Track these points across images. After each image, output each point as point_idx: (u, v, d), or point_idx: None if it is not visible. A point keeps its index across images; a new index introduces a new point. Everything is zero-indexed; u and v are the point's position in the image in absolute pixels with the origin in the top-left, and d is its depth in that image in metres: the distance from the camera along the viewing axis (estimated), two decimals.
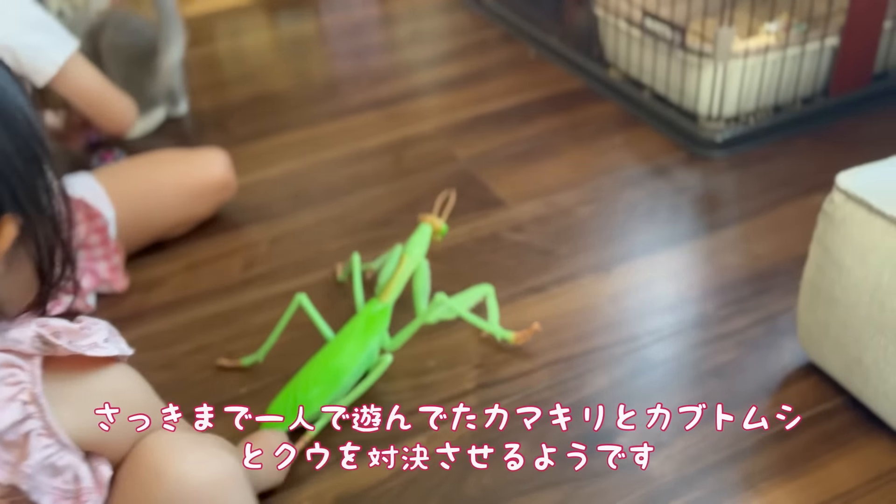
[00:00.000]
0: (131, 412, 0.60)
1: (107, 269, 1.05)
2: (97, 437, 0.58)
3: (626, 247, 1.09)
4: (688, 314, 0.96)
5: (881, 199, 0.71)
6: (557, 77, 1.56)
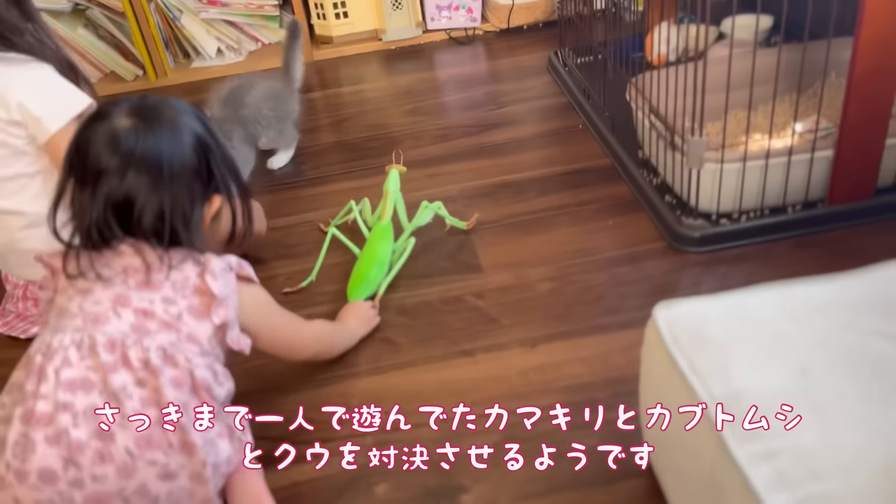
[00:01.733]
0: (270, 312, 1.04)
1: None
2: (255, 323, 0.98)
3: (560, 326, 1.20)
4: (578, 398, 1.07)
5: (676, 334, 0.80)
6: (592, 153, 1.67)
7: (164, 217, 0.89)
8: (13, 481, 0.80)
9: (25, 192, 1.23)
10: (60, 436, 0.80)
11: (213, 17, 2.35)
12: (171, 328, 0.87)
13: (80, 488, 0.79)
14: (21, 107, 1.16)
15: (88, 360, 0.83)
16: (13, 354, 1.30)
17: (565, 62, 2.03)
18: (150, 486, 0.82)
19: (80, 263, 0.89)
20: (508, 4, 2.34)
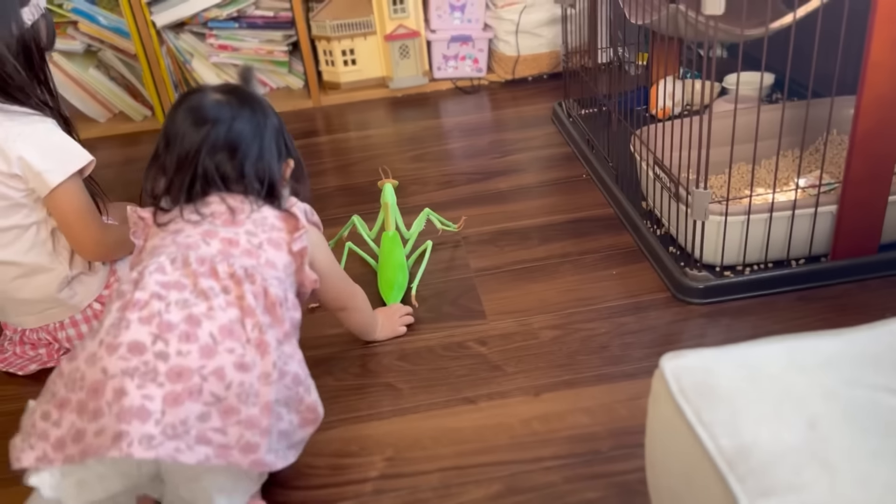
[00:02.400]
0: (332, 260, 1.15)
1: None
2: (320, 265, 1.09)
3: (564, 375, 1.20)
4: (582, 448, 1.06)
5: (682, 385, 0.80)
6: (595, 202, 1.68)
7: (257, 168, 1.03)
8: (104, 354, 0.87)
9: (19, 243, 1.22)
10: (153, 317, 0.89)
11: (224, 62, 2.39)
12: (252, 255, 0.99)
13: (165, 360, 0.87)
14: (22, 161, 1.16)
15: (181, 270, 0.94)
16: (12, 391, 1.30)
17: (569, 113, 2.06)
18: (226, 371, 0.89)
19: (171, 213, 1.02)
20: (514, 56, 2.38)
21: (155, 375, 0.86)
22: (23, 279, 1.24)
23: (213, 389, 0.88)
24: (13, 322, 1.31)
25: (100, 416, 0.85)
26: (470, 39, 2.39)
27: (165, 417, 0.85)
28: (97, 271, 1.31)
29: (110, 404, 0.85)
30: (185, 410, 0.86)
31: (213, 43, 2.36)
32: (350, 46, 2.39)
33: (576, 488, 1.00)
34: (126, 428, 0.83)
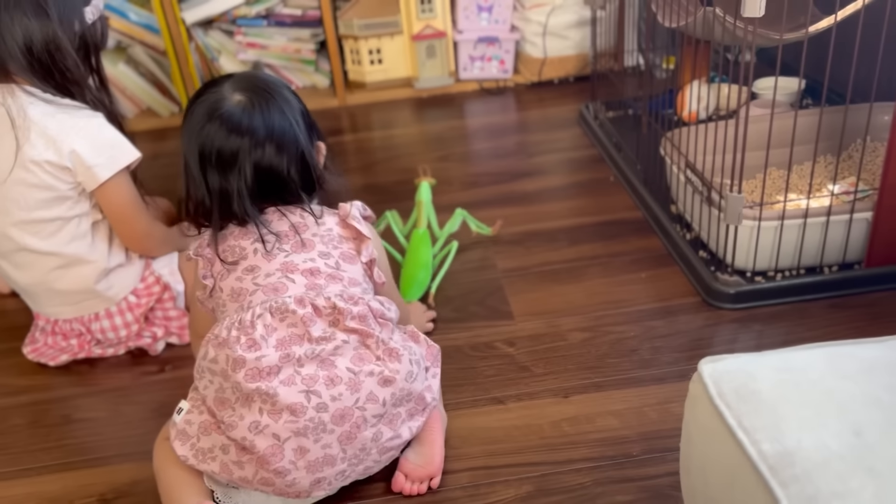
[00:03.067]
0: (385, 257, 1.13)
1: (177, 326, 1.35)
2: (380, 262, 1.08)
3: (593, 377, 1.19)
4: (612, 451, 1.06)
5: (722, 389, 0.79)
6: (623, 205, 1.68)
7: (301, 165, 1.01)
8: (269, 421, 0.92)
9: (61, 234, 1.24)
10: (293, 378, 0.93)
11: (251, 59, 2.40)
12: (335, 278, 1.00)
13: (326, 410, 0.93)
14: (74, 154, 1.18)
15: (287, 320, 0.95)
16: (42, 380, 1.32)
17: (596, 115, 2.05)
18: (376, 393, 0.95)
19: (231, 242, 1.01)
20: (541, 58, 2.38)
21: (324, 427, 0.93)
22: (62, 270, 1.25)
23: (374, 412, 0.96)
24: (47, 312, 1.32)
25: (286, 474, 0.93)
26: (497, 40, 2.39)
27: (348, 453, 0.95)
28: (133, 264, 1.32)
29: (294, 462, 0.93)
30: (361, 440, 0.96)
31: (241, 40, 2.37)
32: (377, 46, 2.40)
33: (607, 491, 1.00)
34: (321, 475, 0.95)
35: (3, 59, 1.17)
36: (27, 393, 1.28)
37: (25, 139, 1.16)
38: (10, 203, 1.20)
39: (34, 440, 1.18)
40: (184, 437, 0.97)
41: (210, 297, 1.01)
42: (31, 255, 1.24)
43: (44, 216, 1.21)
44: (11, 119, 1.17)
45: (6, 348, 1.39)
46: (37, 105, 1.18)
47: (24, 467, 1.13)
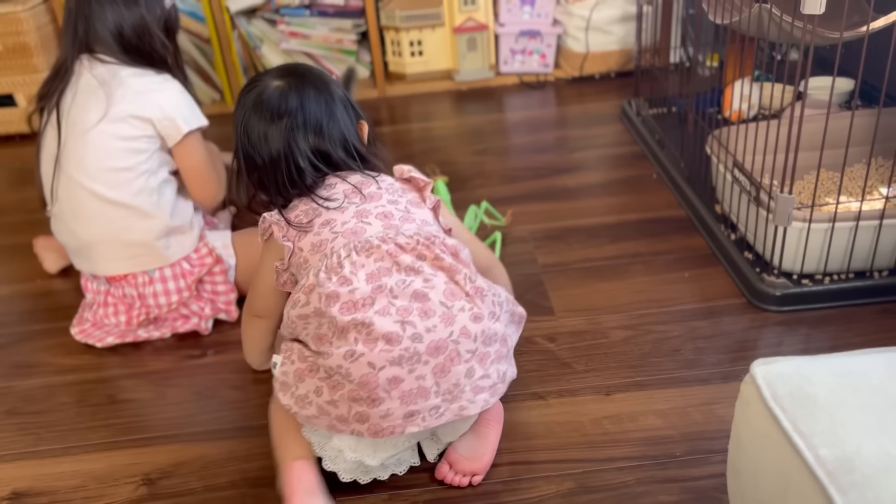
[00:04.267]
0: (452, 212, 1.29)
1: (224, 302, 1.37)
2: (449, 219, 1.11)
3: (635, 376, 1.18)
4: (655, 451, 1.05)
5: (776, 392, 0.78)
6: (666, 203, 1.66)
7: (345, 141, 1.06)
8: (364, 350, 0.93)
9: (130, 186, 1.30)
10: (388, 307, 0.94)
11: (293, 48, 2.42)
12: (409, 219, 1.02)
13: (420, 341, 0.94)
14: (161, 108, 1.29)
15: (373, 256, 0.97)
16: (89, 360, 1.34)
17: (639, 111, 2.03)
18: (469, 328, 0.96)
19: (298, 210, 1.03)
20: (583, 53, 2.36)
21: (418, 357, 0.93)
22: (125, 222, 1.30)
23: (467, 347, 0.96)
24: (103, 268, 1.33)
25: (379, 403, 0.93)
26: (538, 34, 2.38)
27: (441, 387, 0.95)
28: (191, 232, 1.36)
29: (388, 391, 0.93)
30: (454, 374, 0.95)
31: (283, 29, 2.38)
32: (418, 38, 2.39)
33: (649, 490, 0.99)
34: (414, 408, 0.94)
35: (91, 44, 1.31)
36: (74, 372, 1.30)
37: (118, 95, 1.27)
38: (90, 151, 1.28)
39: (80, 419, 1.20)
40: (285, 387, 1.00)
41: (289, 263, 1.02)
42: (99, 203, 1.29)
43: (117, 165, 1.28)
44: (102, 80, 1.28)
45: (53, 328, 1.41)
46: (123, 68, 1.31)
47: (70, 445, 1.15)
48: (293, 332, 1.02)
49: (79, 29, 1.31)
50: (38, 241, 1.61)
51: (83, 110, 1.29)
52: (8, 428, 1.19)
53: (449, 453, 1.04)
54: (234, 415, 1.18)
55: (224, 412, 1.19)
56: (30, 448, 1.15)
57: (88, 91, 1.29)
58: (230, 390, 1.23)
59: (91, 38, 1.30)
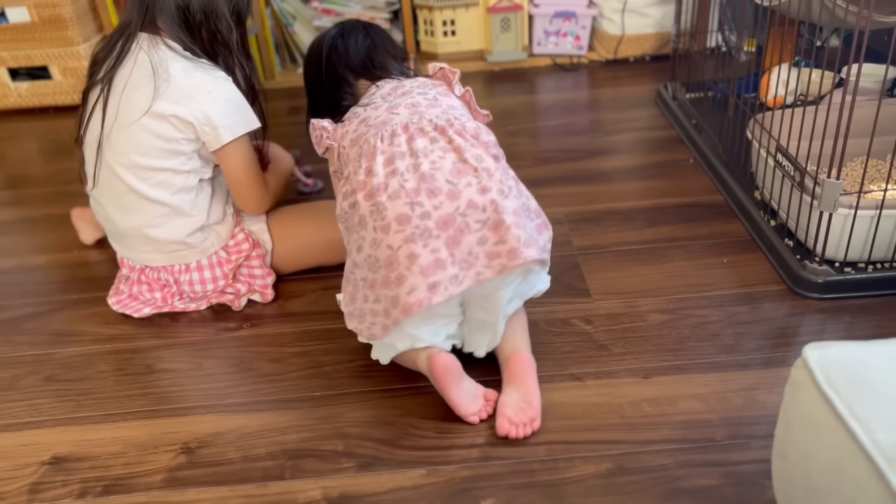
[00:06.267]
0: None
1: (260, 285, 1.37)
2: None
3: (674, 360, 1.17)
4: (695, 435, 1.04)
5: (831, 376, 0.76)
6: (704, 188, 1.64)
7: (391, 51, 1.33)
8: (382, 236, 1.03)
9: (169, 185, 1.27)
10: (399, 191, 1.04)
11: (325, 26, 2.41)
12: (435, 105, 1.15)
13: (429, 218, 1.03)
14: (204, 113, 1.22)
15: (391, 142, 1.09)
16: (126, 330, 1.35)
17: (675, 95, 2.01)
18: (475, 200, 1.04)
19: (349, 116, 1.20)
20: (618, 35, 2.33)
21: (430, 232, 1.02)
22: (163, 219, 1.29)
23: (476, 217, 1.04)
24: (139, 259, 1.35)
25: (404, 280, 1.01)
26: (573, 16, 2.35)
27: (456, 257, 1.02)
28: (227, 221, 1.36)
29: (409, 268, 1.01)
30: (467, 243, 1.03)
31: (317, 6, 2.38)
32: (451, 17, 2.38)
33: (689, 474, 0.98)
34: (435, 279, 1.01)
35: (156, 14, 1.24)
36: (112, 341, 1.31)
37: (163, 90, 1.21)
38: (130, 146, 1.24)
39: (119, 387, 1.21)
40: (350, 316, 1.12)
41: (338, 160, 1.17)
42: (138, 199, 1.27)
43: (156, 165, 1.25)
44: (154, 68, 1.22)
45: (91, 297, 1.43)
46: (176, 60, 1.23)
47: (110, 412, 1.16)
48: (346, 222, 1.13)
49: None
50: (74, 212, 1.62)
51: (130, 100, 1.23)
52: (48, 394, 1.21)
53: (501, 411, 1.06)
54: (271, 387, 1.19)
55: (261, 384, 1.20)
56: (69, 414, 1.17)
57: (140, 77, 1.23)
58: (267, 363, 1.24)
59: (157, 8, 1.23)
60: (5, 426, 1.15)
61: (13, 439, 1.12)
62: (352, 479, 1.02)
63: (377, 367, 1.20)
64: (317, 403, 1.15)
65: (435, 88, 1.20)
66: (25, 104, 2.32)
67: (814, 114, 1.31)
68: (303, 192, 1.73)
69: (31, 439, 1.12)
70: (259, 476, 1.03)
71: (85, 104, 1.30)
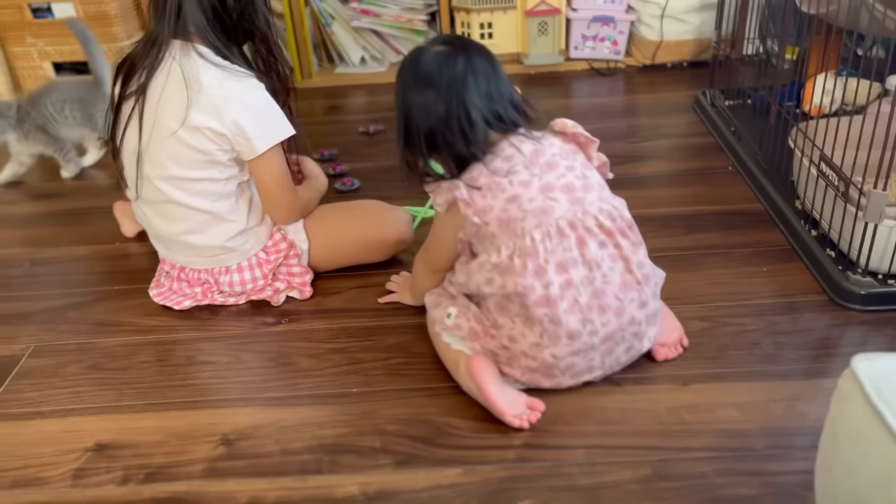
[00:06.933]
0: None
1: (298, 283, 1.39)
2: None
3: (713, 368, 1.16)
4: (734, 443, 1.03)
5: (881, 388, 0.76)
6: (743, 196, 1.62)
7: (512, 98, 1.11)
8: (549, 343, 1.05)
9: (208, 194, 1.28)
10: (573, 307, 1.05)
11: (363, 27, 2.43)
12: (589, 189, 1.09)
13: (596, 335, 1.07)
14: (236, 125, 1.21)
15: (562, 244, 1.05)
16: (167, 322, 1.37)
17: (713, 102, 1.99)
18: (635, 315, 1.09)
19: (473, 173, 1.08)
20: (656, 41, 2.32)
21: (593, 347, 1.07)
22: (203, 225, 1.30)
23: (632, 330, 1.10)
24: (180, 261, 1.37)
25: (552, 378, 1.10)
26: (612, 20, 2.34)
27: (605, 363, 1.11)
28: (266, 223, 1.37)
29: (564, 373, 1.09)
30: (616, 353, 1.11)
31: (355, 7, 2.39)
32: (489, 20, 2.38)
33: (728, 482, 0.98)
34: (580, 379, 1.10)
35: (188, 18, 1.19)
36: (153, 333, 1.34)
37: (195, 102, 1.19)
38: (167, 158, 1.24)
39: (161, 377, 1.23)
40: (454, 338, 1.14)
41: (472, 234, 1.10)
42: (178, 208, 1.28)
43: (195, 175, 1.25)
44: (185, 79, 1.20)
45: (132, 289, 1.45)
46: (208, 69, 1.20)
47: (151, 401, 1.18)
48: (471, 292, 1.13)
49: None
50: (117, 206, 1.65)
51: (165, 112, 1.22)
52: (91, 382, 1.23)
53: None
54: (309, 382, 1.20)
55: (298, 379, 1.21)
56: (112, 402, 1.19)
57: (173, 88, 1.21)
58: (304, 358, 1.25)
59: (189, 10, 1.19)
60: (49, 412, 1.17)
61: (57, 425, 1.15)
62: (389, 476, 1.03)
63: (413, 365, 1.21)
64: (354, 400, 1.16)
65: (577, 158, 1.11)
66: None
67: (860, 123, 1.29)
68: (340, 189, 1.75)
69: (74, 426, 1.14)
70: (297, 469, 1.05)
71: (118, 115, 1.28)
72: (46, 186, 1.92)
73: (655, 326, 1.15)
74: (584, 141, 1.14)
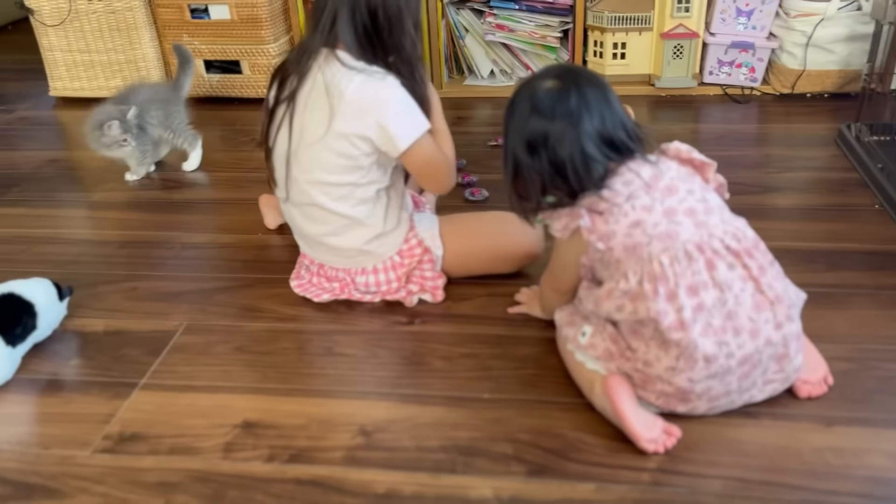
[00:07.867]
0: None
1: (431, 286, 1.43)
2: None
3: (859, 412, 1.12)
4: (883, 492, 0.99)
5: None
6: (891, 236, 1.56)
7: (628, 124, 1.11)
8: (685, 367, 1.05)
9: (350, 198, 1.34)
10: (706, 329, 1.04)
11: (496, 41, 2.46)
12: (710, 211, 1.08)
13: (732, 358, 1.05)
14: (379, 125, 1.25)
15: (691, 267, 1.04)
16: (306, 312, 1.44)
17: (859, 136, 1.92)
18: (771, 337, 1.06)
19: (610, 208, 1.07)
20: (798, 70, 2.25)
21: (730, 370, 1.06)
22: (343, 229, 1.36)
23: (769, 353, 1.07)
24: (321, 259, 1.43)
25: (689, 402, 1.09)
26: (751, 47, 2.29)
27: (742, 386, 1.09)
28: (401, 227, 1.41)
29: (700, 397, 1.08)
30: (753, 377, 1.08)
31: (491, 21, 2.44)
32: (623, 40, 2.37)
33: None
34: (715, 404, 1.10)
35: (339, 34, 1.25)
36: (294, 321, 1.40)
37: (338, 109, 1.25)
38: (314, 164, 1.31)
39: (301, 364, 1.29)
40: (587, 357, 1.15)
41: (600, 259, 1.10)
42: (322, 211, 1.35)
43: (338, 180, 1.31)
44: (327, 86, 1.26)
45: (274, 279, 1.53)
46: (345, 75, 1.25)
47: (293, 386, 1.24)
48: (602, 315, 1.13)
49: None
50: (262, 199, 1.74)
51: (311, 119, 1.28)
52: (238, 363, 1.31)
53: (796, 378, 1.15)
54: (442, 383, 1.23)
55: (431, 379, 1.24)
56: (257, 384, 1.25)
57: (318, 96, 1.27)
58: (438, 360, 1.28)
59: (340, 27, 1.24)
60: (202, 387, 1.25)
61: (208, 400, 1.22)
62: (522, 484, 1.04)
63: (545, 377, 1.22)
64: (486, 405, 1.18)
65: (695, 181, 1.10)
66: (215, 94, 2.51)
67: None
68: (470, 199, 1.78)
69: (224, 402, 1.22)
70: (431, 466, 1.08)
71: (272, 119, 1.34)
72: (190, 177, 2.04)
73: (801, 354, 1.12)
74: (698, 164, 1.14)
